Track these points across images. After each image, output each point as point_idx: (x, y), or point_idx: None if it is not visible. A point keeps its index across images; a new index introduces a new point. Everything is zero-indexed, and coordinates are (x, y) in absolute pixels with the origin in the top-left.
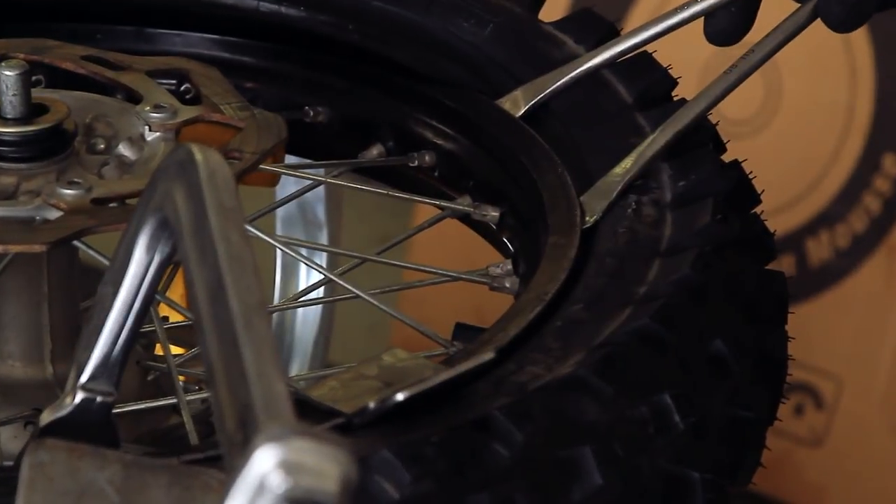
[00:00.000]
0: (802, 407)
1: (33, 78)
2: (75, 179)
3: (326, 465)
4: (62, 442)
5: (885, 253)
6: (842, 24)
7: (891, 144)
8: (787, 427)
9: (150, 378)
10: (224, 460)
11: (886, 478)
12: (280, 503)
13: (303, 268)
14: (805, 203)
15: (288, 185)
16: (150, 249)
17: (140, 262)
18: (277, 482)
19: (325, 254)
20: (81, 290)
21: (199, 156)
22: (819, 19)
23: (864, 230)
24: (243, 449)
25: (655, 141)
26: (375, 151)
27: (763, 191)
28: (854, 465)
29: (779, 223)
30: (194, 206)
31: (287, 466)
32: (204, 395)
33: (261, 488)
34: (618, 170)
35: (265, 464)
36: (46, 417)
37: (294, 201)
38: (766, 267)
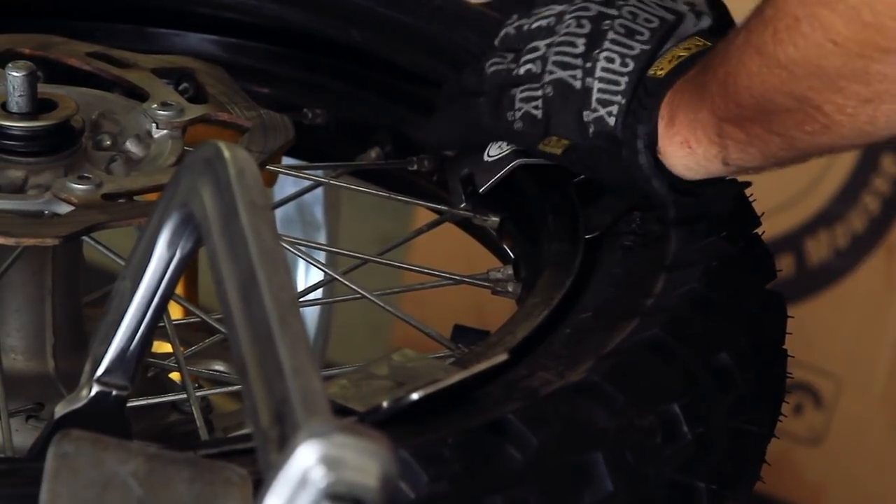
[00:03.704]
0: (801, 406)
1: None
2: (85, 175)
3: (367, 460)
4: (87, 434)
5: (883, 252)
6: None
7: (889, 144)
8: (786, 426)
9: (149, 375)
10: (258, 455)
11: (885, 476)
12: (322, 497)
13: (301, 267)
14: (804, 203)
15: (287, 186)
16: (173, 245)
17: (161, 257)
18: (320, 477)
19: (323, 254)
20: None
21: (227, 153)
22: None
23: (863, 230)
24: (282, 444)
25: None
26: (373, 154)
27: (755, 199)
28: (853, 464)
29: (778, 223)
30: (223, 202)
31: (329, 461)
32: (206, 392)
33: (303, 483)
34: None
35: (307, 459)
36: (61, 409)
37: (292, 202)
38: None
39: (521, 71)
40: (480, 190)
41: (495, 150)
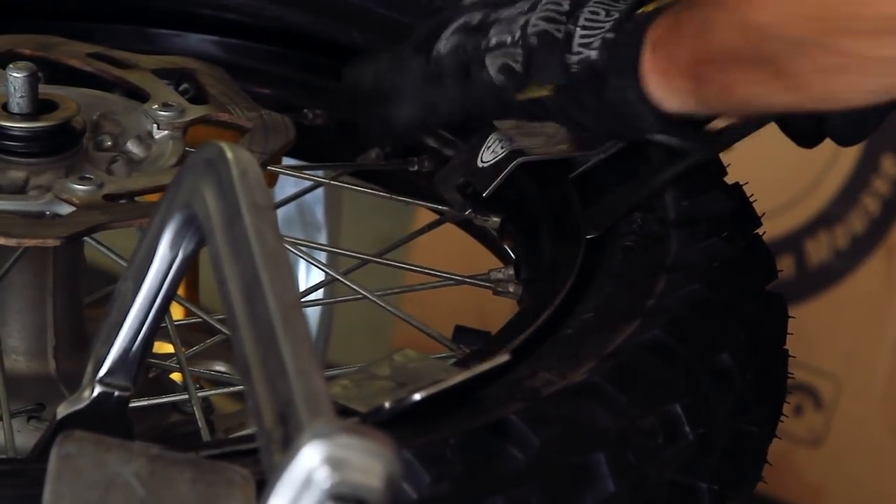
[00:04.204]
0: (802, 407)
1: None
2: (86, 175)
3: (371, 461)
4: (89, 434)
5: (883, 254)
6: (846, 141)
7: (889, 145)
8: (786, 427)
9: (151, 375)
10: (262, 456)
11: (885, 477)
12: (326, 498)
13: (302, 268)
14: (804, 204)
15: (287, 187)
16: (175, 245)
17: (164, 257)
18: (324, 477)
19: (324, 254)
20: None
21: (229, 153)
22: None
23: (863, 231)
24: (286, 445)
25: (665, 170)
26: (374, 155)
27: (756, 200)
28: (853, 464)
29: (778, 224)
30: (226, 203)
31: (333, 462)
32: (208, 393)
33: (307, 484)
34: (624, 189)
35: (311, 459)
36: (63, 410)
37: (293, 203)
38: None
39: (493, 42)
40: (484, 193)
41: (489, 156)
